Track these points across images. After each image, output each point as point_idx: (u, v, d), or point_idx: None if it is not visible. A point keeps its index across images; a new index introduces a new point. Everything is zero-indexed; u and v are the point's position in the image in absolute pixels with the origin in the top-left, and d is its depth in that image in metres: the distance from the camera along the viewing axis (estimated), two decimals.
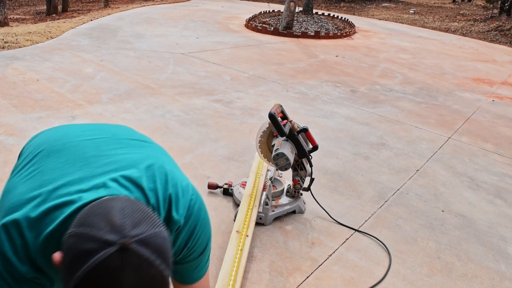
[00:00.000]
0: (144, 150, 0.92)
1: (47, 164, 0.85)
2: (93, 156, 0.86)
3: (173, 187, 0.86)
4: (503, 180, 2.86)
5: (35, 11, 13.36)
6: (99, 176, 0.81)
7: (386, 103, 4.31)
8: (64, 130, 0.99)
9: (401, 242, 2.09)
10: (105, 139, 0.92)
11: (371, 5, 16.10)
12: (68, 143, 0.90)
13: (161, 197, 0.83)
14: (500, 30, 10.64)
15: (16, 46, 5.44)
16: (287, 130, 1.99)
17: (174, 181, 0.87)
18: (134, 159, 0.86)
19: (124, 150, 0.89)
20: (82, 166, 0.83)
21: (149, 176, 0.83)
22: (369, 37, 8.73)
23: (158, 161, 0.88)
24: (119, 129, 1.02)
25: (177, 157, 2.76)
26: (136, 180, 0.82)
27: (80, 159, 0.85)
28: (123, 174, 0.82)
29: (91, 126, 1.02)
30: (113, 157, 0.86)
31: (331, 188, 2.54)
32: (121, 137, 0.95)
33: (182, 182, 0.89)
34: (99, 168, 0.82)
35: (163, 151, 0.98)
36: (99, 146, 0.89)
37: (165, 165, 0.89)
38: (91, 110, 3.45)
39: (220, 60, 5.51)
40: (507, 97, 5.05)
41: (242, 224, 1.96)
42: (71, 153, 0.87)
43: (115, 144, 0.91)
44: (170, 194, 0.84)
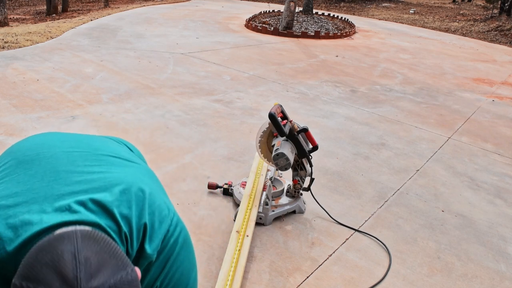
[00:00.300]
0: (124, 170, 0.82)
1: (13, 175, 0.76)
2: (65, 172, 0.77)
3: (149, 215, 0.76)
4: (503, 180, 2.86)
5: (35, 11, 13.36)
6: (66, 196, 0.72)
7: (386, 103, 4.31)
8: (42, 139, 0.90)
9: (401, 242, 2.09)
10: (83, 153, 0.84)
11: (371, 5, 16.09)
12: (42, 153, 0.82)
13: (135, 225, 0.73)
14: (500, 30, 10.64)
15: (16, 46, 5.44)
16: (287, 130, 1.99)
17: (152, 208, 0.77)
18: (110, 179, 0.77)
19: (101, 168, 0.80)
20: (50, 181, 0.74)
21: (123, 201, 0.74)
22: (369, 37, 8.73)
23: (137, 184, 0.78)
24: (103, 143, 0.92)
25: (177, 157, 2.76)
26: (107, 205, 0.72)
27: (50, 173, 0.76)
28: (93, 197, 0.72)
29: (73, 136, 0.93)
30: (87, 175, 0.77)
31: (331, 188, 2.54)
32: (102, 153, 0.86)
33: (162, 211, 0.78)
34: (68, 187, 0.74)
35: (148, 172, 0.88)
36: (75, 160, 0.80)
37: (145, 189, 0.78)
38: (91, 110, 3.45)
39: (220, 60, 5.51)
40: (507, 97, 5.05)
41: (241, 224, 1.96)
42: (42, 165, 0.78)
43: (93, 160, 0.81)
44: (145, 223, 0.75)
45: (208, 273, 1.76)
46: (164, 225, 0.78)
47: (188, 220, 2.11)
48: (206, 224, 2.09)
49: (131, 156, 0.92)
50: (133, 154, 0.97)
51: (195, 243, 1.94)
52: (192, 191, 2.37)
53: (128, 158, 0.89)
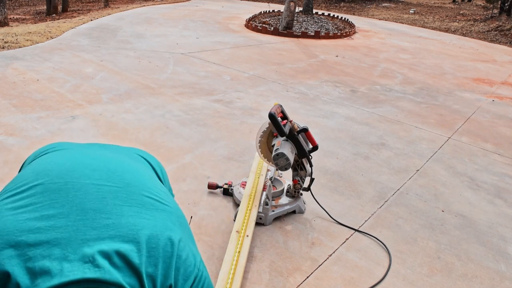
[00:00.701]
0: (155, 215, 0.77)
1: (38, 205, 0.72)
2: (93, 211, 0.72)
3: (175, 273, 0.72)
4: (503, 180, 2.86)
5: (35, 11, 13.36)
6: (91, 242, 0.67)
7: (386, 103, 4.31)
8: (72, 162, 0.84)
9: (401, 242, 2.09)
10: (113, 188, 0.78)
11: (371, 5, 16.09)
12: (71, 183, 0.77)
13: (159, 286, 0.70)
14: (500, 30, 10.64)
15: (16, 46, 5.44)
16: (287, 130, 1.99)
17: (178, 264, 0.73)
18: (140, 227, 0.72)
19: (131, 211, 0.75)
20: (76, 220, 0.70)
21: (150, 256, 0.70)
22: (369, 37, 8.73)
23: (166, 234, 0.74)
24: (136, 176, 0.86)
25: (177, 157, 2.76)
26: (133, 262, 0.68)
27: (77, 210, 0.72)
28: (119, 250, 0.68)
29: (104, 163, 0.86)
30: (116, 217, 0.72)
31: (331, 188, 2.54)
32: (134, 190, 0.80)
33: (188, 267, 0.75)
34: (94, 230, 0.69)
35: (177, 216, 0.84)
36: (105, 197, 0.76)
37: (174, 240, 0.74)
38: (91, 110, 3.45)
39: (220, 60, 5.51)
40: (507, 97, 5.05)
41: (241, 224, 1.96)
42: (69, 199, 0.73)
43: (123, 199, 0.77)
44: (171, 284, 0.72)
45: (208, 273, 1.76)
46: (188, 283, 0.75)
47: (188, 220, 2.11)
48: (206, 224, 2.09)
49: (163, 195, 0.86)
50: (163, 188, 0.91)
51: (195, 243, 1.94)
52: (192, 191, 2.37)
53: (160, 198, 0.84)
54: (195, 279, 0.76)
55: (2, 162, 2.53)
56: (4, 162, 2.54)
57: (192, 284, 0.75)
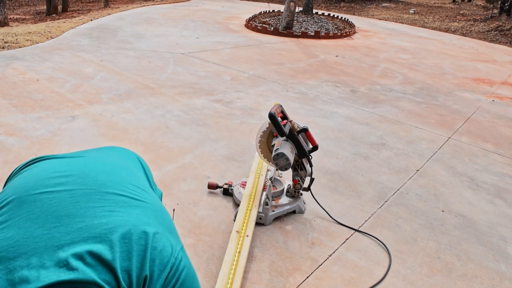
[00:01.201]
0: (128, 212, 0.79)
1: (16, 219, 0.74)
2: (67, 216, 0.74)
3: (150, 264, 0.74)
4: (503, 180, 2.86)
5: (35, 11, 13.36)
6: (66, 246, 0.70)
7: (386, 103, 4.31)
8: (46, 173, 0.86)
9: (401, 242, 2.09)
10: (87, 191, 0.80)
11: (371, 5, 16.10)
12: (46, 193, 0.79)
13: (135, 278, 0.72)
14: (500, 30, 10.64)
15: (16, 46, 5.44)
16: (287, 130, 1.99)
17: (153, 255, 0.75)
18: (113, 225, 0.75)
19: (104, 211, 0.77)
20: (51, 228, 0.72)
21: (123, 251, 0.72)
22: (369, 37, 8.73)
23: (140, 228, 0.76)
24: (111, 175, 0.88)
25: (177, 157, 2.76)
26: (105, 259, 0.70)
27: (52, 218, 0.74)
28: (92, 250, 0.70)
29: (79, 167, 0.88)
30: (89, 220, 0.74)
31: (331, 188, 2.54)
32: (107, 191, 0.82)
33: (164, 258, 0.76)
34: (68, 235, 0.71)
35: (155, 209, 0.85)
36: (78, 202, 0.78)
37: (149, 232, 0.76)
38: (91, 110, 3.45)
39: (220, 60, 5.51)
40: (507, 97, 5.05)
41: (241, 224, 1.96)
42: (44, 208, 0.76)
43: (96, 201, 0.79)
44: (146, 275, 0.73)
45: (208, 273, 1.76)
46: (164, 273, 0.76)
47: (188, 220, 2.11)
48: (206, 224, 2.09)
49: (139, 191, 0.87)
50: (144, 181, 0.92)
51: (195, 243, 1.94)
52: (192, 191, 2.37)
53: (135, 195, 0.85)
54: (171, 268, 0.77)
55: (2, 162, 2.53)
56: (4, 162, 2.54)
57: (168, 273, 0.76)
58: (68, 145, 2.82)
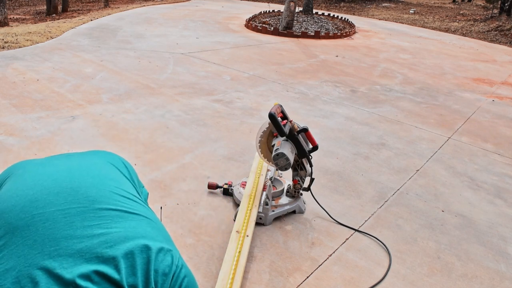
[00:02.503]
0: (125, 226, 0.80)
1: (12, 247, 0.72)
2: (64, 238, 0.74)
3: (154, 275, 0.75)
4: (503, 180, 2.85)
5: (35, 11, 13.36)
6: (69, 269, 0.69)
7: (386, 103, 4.31)
8: (33, 192, 0.83)
9: (401, 242, 2.09)
10: (80, 210, 0.80)
11: (371, 5, 16.09)
12: (37, 215, 0.77)
13: None
14: (500, 30, 10.64)
15: (16, 46, 5.44)
16: (287, 130, 1.99)
17: (156, 266, 0.76)
18: (112, 243, 0.75)
19: (101, 229, 0.77)
20: (51, 251, 0.71)
21: (127, 267, 0.73)
22: (369, 37, 8.73)
23: (140, 242, 0.77)
24: (101, 191, 0.87)
25: (177, 157, 2.76)
26: (113, 278, 0.71)
27: (49, 241, 0.73)
28: (98, 269, 0.70)
29: (67, 182, 0.86)
30: (88, 240, 0.74)
31: (331, 188, 2.54)
32: (100, 207, 0.82)
33: (166, 267, 0.78)
34: (70, 258, 0.71)
35: (149, 220, 0.86)
36: (73, 222, 0.77)
37: (149, 245, 0.77)
38: (91, 110, 3.45)
39: (220, 60, 5.51)
40: (507, 97, 5.05)
41: (241, 224, 1.96)
42: (39, 233, 0.74)
43: (91, 219, 0.78)
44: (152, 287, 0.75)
45: (208, 273, 1.76)
46: (167, 282, 0.77)
47: (188, 220, 2.11)
48: (206, 224, 2.09)
49: (130, 202, 0.88)
50: (132, 190, 0.92)
51: (195, 243, 1.94)
52: (192, 191, 2.37)
53: (128, 208, 0.85)
54: (173, 276, 0.79)
55: (2, 162, 2.53)
56: (4, 162, 2.54)
57: (171, 281, 0.78)
58: (68, 145, 2.82)
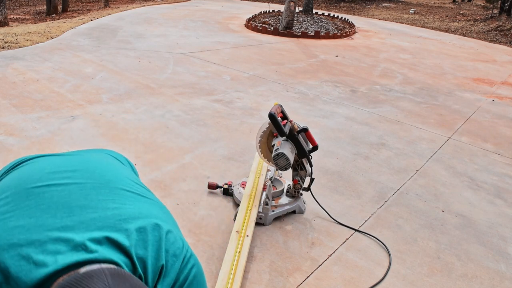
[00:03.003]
0: (138, 206, 0.81)
1: (24, 209, 0.73)
2: (79, 207, 0.75)
3: (165, 255, 0.76)
4: (503, 180, 2.85)
5: (35, 11, 13.36)
6: (80, 233, 0.70)
7: (386, 103, 4.31)
8: (51, 167, 0.85)
9: (401, 242, 2.09)
10: (96, 185, 0.81)
11: (371, 5, 16.10)
12: (54, 186, 0.79)
13: (151, 267, 0.74)
14: (500, 30, 10.64)
15: (16, 46, 5.44)
16: (287, 130, 1.99)
17: (167, 247, 0.77)
18: (126, 216, 0.76)
19: (115, 204, 0.78)
20: (63, 217, 0.72)
21: (139, 240, 0.74)
22: (369, 37, 8.73)
23: (152, 220, 0.78)
24: (115, 174, 0.89)
25: (177, 157, 2.76)
26: (123, 246, 0.71)
27: (64, 208, 0.74)
28: (110, 236, 0.71)
29: (83, 164, 0.89)
30: (102, 211, 0.75)
31: (331, 188, 2.54)
32: (115, 186, 0.84)
33: (177, 249, 0.78)
34: (83, 224, 0.72)
35: (161, 206, 0.88)
36: (88, 194, 0.78)
37: (161, 225, 0.78)
38: (91, 110, 3.45)
39: (220, 60, 5.51)
40: (507, 97, 5.05)
41: (241, 224, 1.96)
42: (54, 199, 0.75)
43: (106, 194, 0.79)
44: (163, 265, 0.75)
45: (208, 273, 1.76)
46: (177, 263, 0.77)
47: (188, 220, 2.11)
48: (206, 224, 2.09)
49: (143, 190, 0.89)
50: (141, 183, 0.94)
51: (195, 243, 1.94)
52: (192, 191, 2.37)
53: (141, 192, 0.87)
54: (183, 259, 0.79)
55: (2, 162, 2.53)
56: (4, 162, 2.54)
57: (181, 264, 0.78)
58: (68, 145, 2.82)
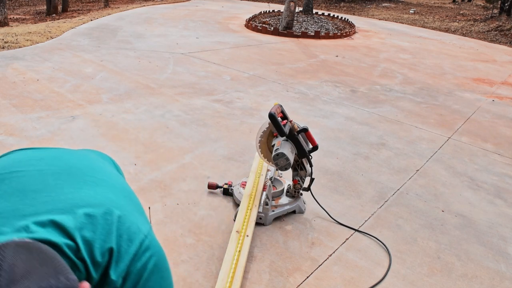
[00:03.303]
0: (95, 190, 0.78)
1: None
2: (33, 191, 0.74)
3: (117, 239, 0.71)
4: (503, 180, 2.85)
5: (35, 11, 13.36)
6: (28, 216, 0.69)
7: (386, 103, 4.31)
8: (21, 156, 0.86)
9: (401, 242, 2.09)
10: (57, 170, 0.80)
11: (371, 5, 16.10)
12: (16, 172, 0.79)
13: (98, 250, 0.69)
14: (500, 30, 10.64)
15: (16, 46, 5.44)
16: (287, 130, 1.99)
17: (120, 231, 0.72)
18: (77, 200, 0.74)
19: (71, 188, 0.76)
20: (15, 202, 0.72)
21: (87, 223, 0.71)
22: (369, 37, 8.73)
23: (106, 205, 0.74)
24: (82, 160, 0.87)
25: (177, 157, 2.76)
26: (67, 228, 0.68)
27: (18, 193, 0.74)
28: (54, 218, 0.69)
29: (54, 152, 0.88)
30: (55, 195, 0.74)
31: (331, 188, 2.54)
32: (77, 171, 0.82)
33: (132, 234, 0.73)
34: (32, 207, 0.71)
35: (122, 191, 0.83)
36: (46, 179, 0.78)
37: (115, 211, 0.74)
38: (91, 110, 3.45)
39: (220, 60, 5.51)
40: (507, 97, 5.05)
41: (241, 224, 1.96)
42: (12, 185, 0.76)
43: (64, 180, 0.78)
44: (112, 247, 0.70)
45: (208, 273, 1.76)
46: (132, 248, 0.73)
47: (188, 220, 2.11)
48: (206, 224, 2.09)
49: (108, 175, 0.86)
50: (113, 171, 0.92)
51: (195, 243, 1.94)
52: (192, 191, 2.37)
53: (104, 177, 0.84)
54: (141, 245, 0.75)
55: None
56: None
57: (138, 249, 0.74)
58: (68, 145, 2.82)
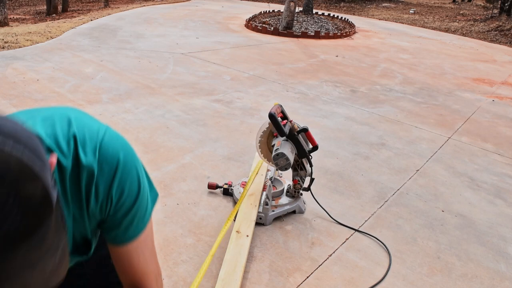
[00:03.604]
0: (53, 109, 0.78)
1: None
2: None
3: (78, 128, 0.73)
4: (503, 180, 2.85)
5: (35, 11, 13.36)
6: None
7: (386, 103, 4.31)
8: None
9: (401, 242, 2.09)
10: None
11: (371, 5, 16.10)
12: None
13: (62, 139, 0.70)
14: (500, 30, 10.64)
15: (16, 46, 5.44)
16: (287, 130, 1.99)
17: (80, 124, 0.74)
18: (34, 113, 0.74)
19: (30, 111, 0.77)
20: None
21: (46, 122, 0.72)
22: (369, 37, 8.73)
23: (61, 112, 0.75)
24: None
25: (177, 157, 2.76)
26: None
27: None
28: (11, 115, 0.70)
29: None
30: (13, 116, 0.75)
31: (331, 188, 2.54)
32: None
33: (92, 126, 0.75)
34: None
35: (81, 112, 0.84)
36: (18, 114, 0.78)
37: (70, 114, 0.75)
38: (91, 110, 3.45)
39: (220, 60, 5.51)
40: (507, 97, 5.05)
41: (241, 224, 1.96)
42: None
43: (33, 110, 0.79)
44: (75, 134, 0.71)
45: (208, 273, 1.76)
46: (97, 135, 0.74)
47: (188, 220, 2.11)
48: (206, 224, 2.09)
49: None
50: None
51: (195, 243, 1.94)
52: (192, 191, 2.37)
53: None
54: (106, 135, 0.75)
55: None
56: None
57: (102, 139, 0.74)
58: None
